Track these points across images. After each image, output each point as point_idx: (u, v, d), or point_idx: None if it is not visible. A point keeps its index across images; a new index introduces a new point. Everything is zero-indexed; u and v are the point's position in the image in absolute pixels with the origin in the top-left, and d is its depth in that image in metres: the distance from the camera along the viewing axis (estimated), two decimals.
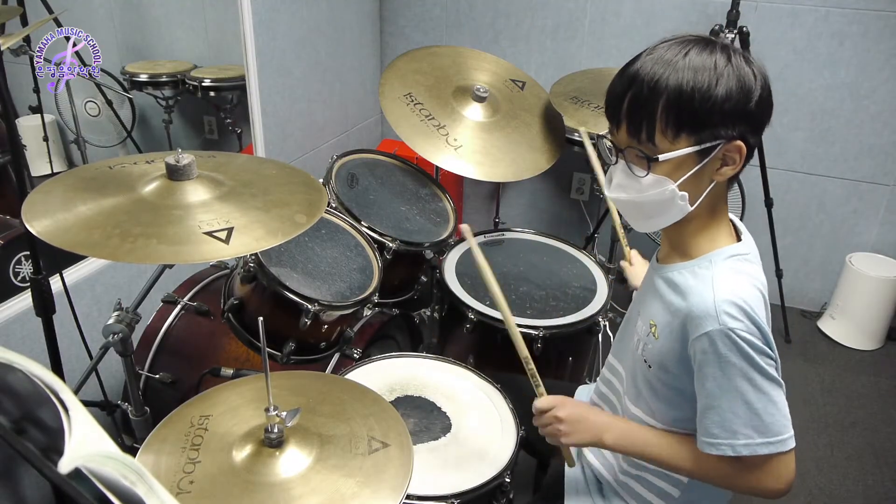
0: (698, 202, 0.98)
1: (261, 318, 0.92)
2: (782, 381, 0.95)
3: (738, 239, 1.05)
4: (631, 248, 1.57)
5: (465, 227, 1.19)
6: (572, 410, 1.11)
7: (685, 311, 0.98)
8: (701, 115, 0.92)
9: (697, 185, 0.97)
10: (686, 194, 0.97)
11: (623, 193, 1.01)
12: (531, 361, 1.14)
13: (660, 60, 0.93)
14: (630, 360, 1.13)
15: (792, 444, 0.95)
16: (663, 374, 1.04)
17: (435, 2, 2.95)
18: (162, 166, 1.08)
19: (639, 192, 0.99)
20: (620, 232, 1.61)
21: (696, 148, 0.94)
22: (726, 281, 0.96)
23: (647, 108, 0.93)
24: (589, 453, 1.26)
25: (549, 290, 1.81)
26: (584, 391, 1.42)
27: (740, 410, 0.94)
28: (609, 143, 1.01)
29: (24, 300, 1.62)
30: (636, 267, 1.51)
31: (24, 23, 1.62)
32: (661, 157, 0.94)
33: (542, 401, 1.13)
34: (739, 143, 0.94)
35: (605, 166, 2.37)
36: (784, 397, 0.95)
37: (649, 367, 1.05)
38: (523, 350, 1.14)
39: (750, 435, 0.94)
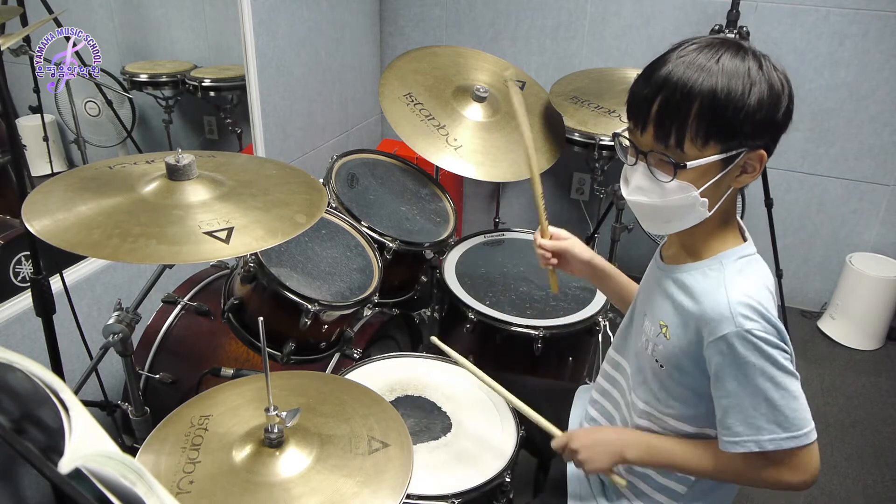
0: (715, 208, 0.98)
1: (261, 318, 0.92)
2: (798, 374, 0.96)
3: (744, 238, 1.05)
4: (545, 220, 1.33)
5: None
6: (584, 439, 1.12)
7: (698, 315, 0.98)
8: (733, 123, 0.91)
9: (717, 191, 0.97)
10: (707, 201, 0.96)
11: (643, 197, 0.99)
12: (541, 419, 1.21)
13: (692, 64, 0.91)
14: (637, 358, 1.13)
15: (814, 435, 0.96)
16: (677, 373, 1.04)
17: (435, 2, 2.95)
18: (162, 166, 1.08)
19: (661, 197, 0.97)
20: (541, 204, 1.33)
21: (723, 156, 0.93)
22: (738, 283, 0.97)
23: (679, 113, 0.91)
24: None
25: (549, 290, 1.81)
26: (585, 391, 1.42)
27: (763, 407, 0.94)
28: (626, 143, 1.00)
29: (24, 300, 1.62)
30: (562, 243, 1.30)
31: (24, 23, 1.62)
32: (690, 164, 0.93)
33: (555, 442, 1.15)
34: (762, 152, 0.94)
35: (598, 163, 2.36)
36: (801, 389, 0.96)
37: (661, 366, 1.05)
38: (530, 412, 1.22)
39: (774, 430, 0.94)
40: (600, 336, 1.87)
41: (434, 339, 1.30)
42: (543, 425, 1.19)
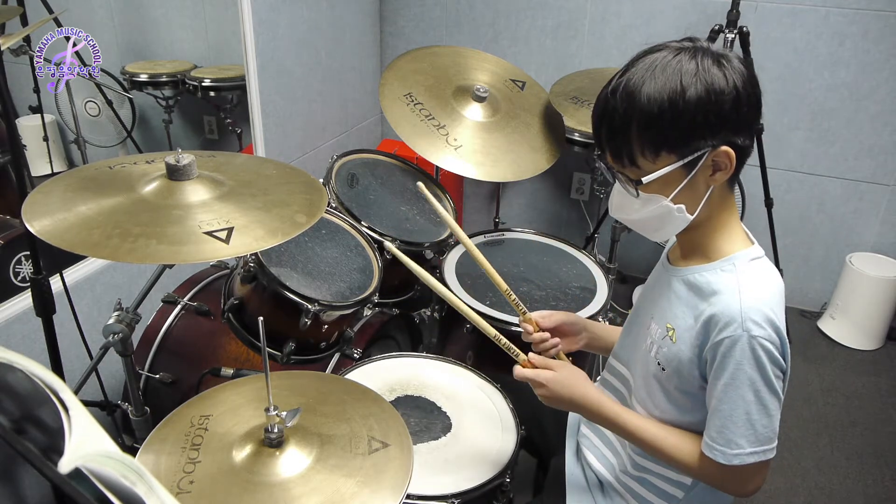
0: (699, 209, 0.98)
1: (261, 318, 0.92)
2: (782, 396, 0.97)
3: (751, 241, 1.05)
4: (524, 312, 1.26)
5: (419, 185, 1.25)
6: (547, 395, 1.11)
7: (709, 315, 0.97)
8: (674, 132, 0.92)
9: (693, 194, 0.97)
10: (683, 206, 0.97)
11: (624, 213, 1.05)
12: (502, 337, 1.15)
13: (627, 86, 0.93)
14: (640, 362, 1.12)
15: (774, 452, 0.97)
16: (677, 378, 1.03)
17: (435, 2, 2.95)
18: (162, 166, 1.08)
19: (637, 211, 1.01)
20: (512, 297, 1.28)
21: (680, 163, 0.94)
22: (754, 287, 0.96)
23: (621, 136, 0.95)
24: (589, 454, 1.26)
25: (549, 290, 1.81)
26: None
27: (739, 420, 0.95)
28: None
29: (24, 300, 1.62)
30: (554, 317, 1.26)
31: (24, 23, 1.62)
32: (645, 179, 0.95)
33: (518, 373, 1.12)
34: (726, 148, 0.93)
35: (604, 185, 2.35)
36: (779, 409, 0.97)
37: (663, 369, 1.05)
38: (491, 330, 1.16)
39: (742, 445, 0.96)
40: None
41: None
42: (504, 346, 1.15)
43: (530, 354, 1.14)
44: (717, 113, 0.91)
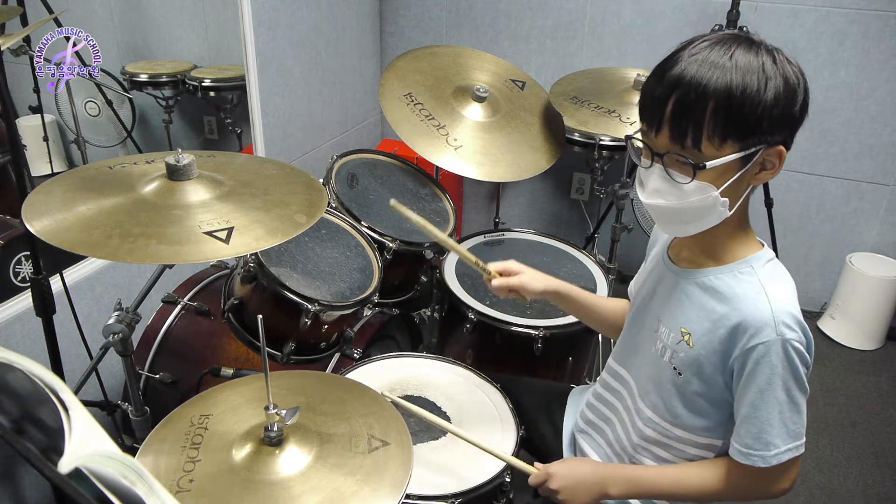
0: (736, 207, 0.96)
1: (260, 316, 0.92)
2: (808, 389, 0.97)
3: (761, 244, 1.04)
4: (484, 262, 1.32)
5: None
6: (564, 479, 1.12)
7: (736, 320, 0.96)
8: (750, 120, 0.89)
9: (737, 190, 0.95)
10: (727, 200, 0.94)
11: (661, 199, 0.96)
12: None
13: (705, 62, 0.89)
14: (647, 367, 1.11)
15: (804, 447, 0.98)
16: (697, 381, 1.02)
17: (435, 2, 2.95)
18: (162, 166, 1.08)
19: (679, 199, 0.95)
20: (470, 257, 1.31)
21: (742, 154, 0.91)
22: (779, 290, 0.96)
23: (694, 113, 0.89)
24: (593, 453, 1.26)
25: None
26: (579, 392, 1.42)
27: (775, 421, 0.95)
28: (640, 145, 0.98)
29: (24, 300, 1.62)
30: (512, 280, 1.28)
31: (24, 23, 1.62)
32: (709, 164, 0.91)
33: (533, 479, 1.16)
34: (781, 148, 0.92)
35: (598, 163, 2.33)
36: (806, 404, 0.98)
37: (679, 374, 1.04)
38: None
39: (778, 445, 0.96)
40: (600, 336, 1.87)
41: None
42: (515, 464, 1.18)
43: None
44: (788, 109, 0.90)
